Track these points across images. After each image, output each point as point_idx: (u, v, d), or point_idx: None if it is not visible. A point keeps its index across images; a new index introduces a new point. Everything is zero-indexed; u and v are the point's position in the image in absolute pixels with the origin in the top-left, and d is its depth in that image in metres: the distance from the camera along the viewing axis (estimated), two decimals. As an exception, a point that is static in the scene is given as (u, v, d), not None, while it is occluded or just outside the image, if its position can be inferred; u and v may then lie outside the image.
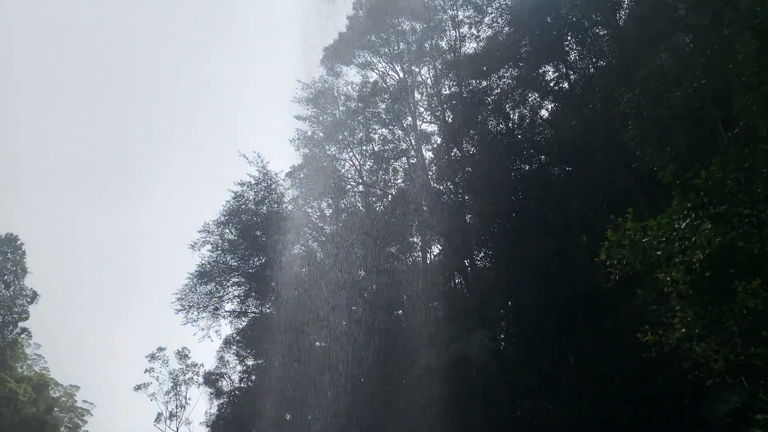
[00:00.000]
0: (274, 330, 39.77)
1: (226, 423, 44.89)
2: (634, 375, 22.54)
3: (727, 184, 12.28)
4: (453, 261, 33.83)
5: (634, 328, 20.67)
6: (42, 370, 59.37)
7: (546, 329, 26.59)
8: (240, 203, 40.30)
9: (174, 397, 48.22)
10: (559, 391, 23.85)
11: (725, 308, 10.74)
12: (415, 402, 27.60)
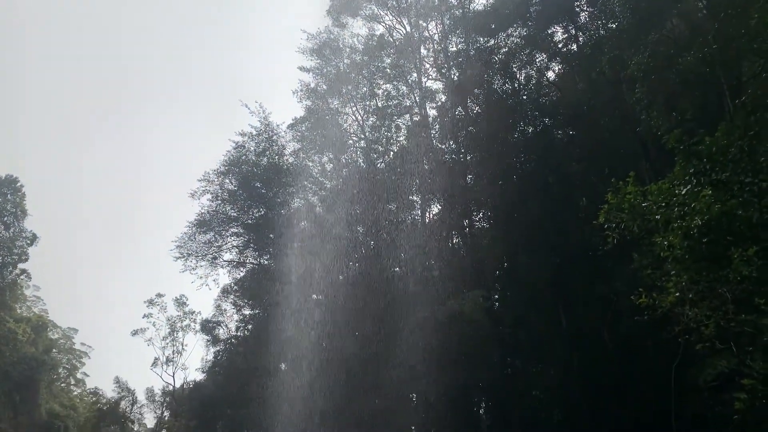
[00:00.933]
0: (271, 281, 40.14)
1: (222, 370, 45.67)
2: (624, 338, 22.87)
3: (731, 151, 12.22)
4: (452, 220, 33.91)
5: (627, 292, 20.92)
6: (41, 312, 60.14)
7: (540, 290, 26.86)
8: (241, 154, 40.16)
9: (171, 343, 49.00)
10: (550, 352, 24.22)
11: (720, 274, 10.81)
12: (409, 356, 27.99)
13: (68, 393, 62.19)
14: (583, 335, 23.99)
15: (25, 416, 45.76)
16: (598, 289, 23.72)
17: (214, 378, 46.71)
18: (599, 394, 23.01)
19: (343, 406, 29.42)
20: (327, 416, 29.68)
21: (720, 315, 11.17)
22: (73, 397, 61.58)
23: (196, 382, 50.24)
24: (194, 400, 47.55)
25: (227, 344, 47.89)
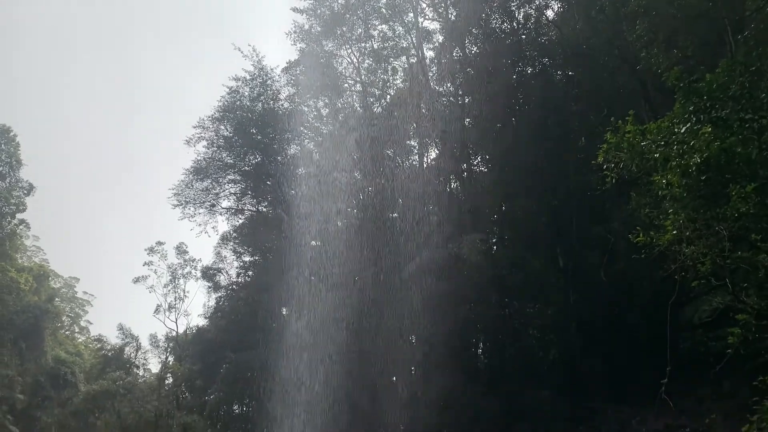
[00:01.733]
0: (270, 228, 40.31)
1: (224, 315, 46.34)
2: (620, 278, 23.15)
3: (731, 88, 12.05)
4: (450, 164, 33.77)
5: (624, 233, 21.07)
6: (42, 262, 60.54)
7: (538, 232, 27.04)
8: (235, 99, 39.60)
9: (172, 290, 49.53)
10: (547, 292, 24.54)
11: (717, 212, 10.82)
12: (407, 300, 28.36)
13: (73, 340, 63.21)
14: (580, 275, 24.27)
15: (32, 363, 46.69)
16: (595, 229, 23.88)
17: (217, 323, 47.43)
18: (595, 332, 23.44)
19: (345, 349, 29.96)
20: (328, 358, 30.25)
21: (716, 252, 11.23)
22: (78, 344, 62.62)
23: (198, 328, 51.08)
24: (197, 345, 48.38)
25: (228, 290, 48.44)
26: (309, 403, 30.05)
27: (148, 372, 57.30)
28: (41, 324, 47.81)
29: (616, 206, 22.94)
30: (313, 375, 30.33)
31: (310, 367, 30.95)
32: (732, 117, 11.59)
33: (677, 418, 18.09)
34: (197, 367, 46.12)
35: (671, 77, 12.72)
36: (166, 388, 47.84)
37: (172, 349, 52.02)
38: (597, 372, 23.63)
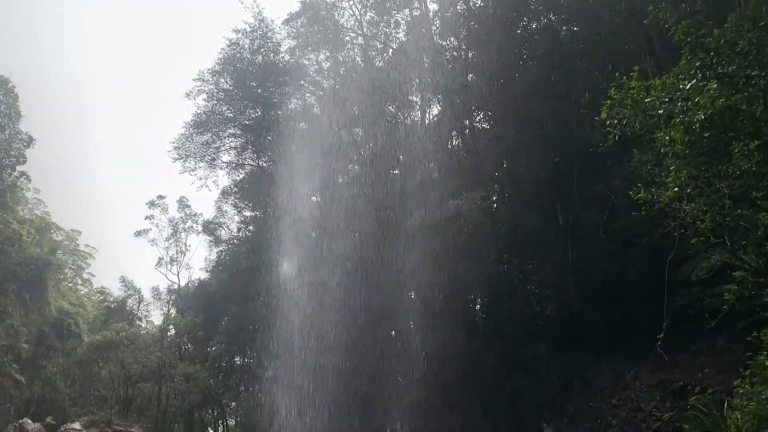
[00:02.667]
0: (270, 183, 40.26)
1: (225, 269, 46.77)
2: (620, 235, 23.26)
3: (739, 44, 11.86)
4: (452, 121, 33.52)
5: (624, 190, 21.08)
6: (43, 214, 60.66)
7: (538, 189, 27.04)
8: (235, 52, 39.12)
9: (174, 244, 49.80)
10: (546, 249, 24.68)
11: (719, 169, 10.80)
12: (408, 256, 28.55)
13: (76, 292, 63.82)
14: (579, 232, 24.38)
15: (36, 313, 47.27)
16: (596, 187, 23.86)
17: (218, 276, 47.91)
18: (593, 289, 23.68)
19: (344, 303, 30.31)
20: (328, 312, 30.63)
21: (716, 210, 11.25)
22: (81, 296, 63.25)
23: (200, 281, 51.58)
24: (199, 297, 48.95)
25: (229, 244, 48.77)
26: (309, 355, 30.57)
27: (150, 324, 58.15)
28: (44, 275, 48.20)
29: (617, 164, 22.89)
30: (312, 328, 30.76)
31: (311, 320, 31.36)
32: (738, 73, 11.45)
33: (671, 372, 18.46)
34: (199, 319, 46.76)
35: (679, 31, 12.52)
36: (169, 340, 48.56)
37: (174, 302, 52.65)
38: (594, 327, 23.96)
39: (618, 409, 18.59)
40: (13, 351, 42.73)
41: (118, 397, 44.49)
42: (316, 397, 29.84)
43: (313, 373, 30.17)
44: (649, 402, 17.79)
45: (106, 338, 45.33)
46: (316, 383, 30.22)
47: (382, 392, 28.65)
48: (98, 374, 48.11)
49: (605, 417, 18.32)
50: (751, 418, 8.60)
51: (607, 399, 19.48)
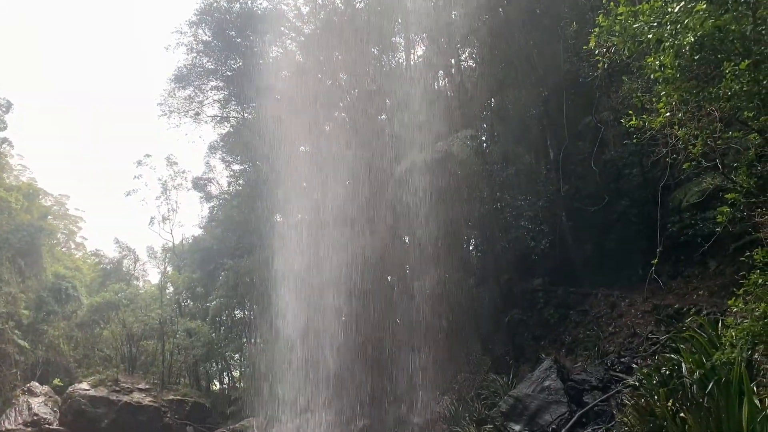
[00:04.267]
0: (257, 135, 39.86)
1: (219, 224, 46.83)
2: (611, 166, 23.34)
3: (727, -38, 11.61)
4: (438, 61, 33.02)
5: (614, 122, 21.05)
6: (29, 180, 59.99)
7: (528, 125, 26.92)
8: (212, 1, 38.11)
9: (164, 202, 49.53)
10: (538, 184, 24.74)
11: (710, 91, 10.71)
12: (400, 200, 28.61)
13: (70, 256, 63.75)
14: (570, 166, 24.42)
15: (33, 279, 47.33)
16: (585, 120, 23.78)
17: (212, 232, 48.03)
18: (585, 220, 23.88)
19: (338, 248, 30.52)
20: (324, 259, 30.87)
21: (707, 133, 11.22)
22: (76, 260, 63.23)
23: (194, 237, 51.69)
24: (194, 253, 49.18)
25: (220, 200, 48.68)
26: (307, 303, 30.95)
27: (147, 283, 58.52)
28: (37, 242, 48.06)
29: (606, 96, 22.75)
30: (309, 276, 31.04)
31: (306, 269, 31.61)
32: (727, -8, 11.25)
33: (665, 298, 18.82)
34: (196, 275, 47.10)
35: (665, -48, 12.20)
36: (168, 297, 48.98)
37: (170, 259, 52.82)
38: (587, 258, 24.30)
39: (614, 336, 19.04)
40: (14, 317, 42.97)
41: (123, 356, 45.17)
42: (317, 342, 30.38)
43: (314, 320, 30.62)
44: (645, 327, 18.19)
45: (105, 299, 45.67)
46: (317, 329, 30.71)
47: (384, 334, 29.18)
48: (101, 335, 48.70)
49: (602, 344, 18.76)
50: (745, 335, 8.80)
51: (604, 327, 19.92)
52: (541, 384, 15.95)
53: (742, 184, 11.08)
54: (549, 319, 22.51)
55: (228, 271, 42.87)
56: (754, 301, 9.43)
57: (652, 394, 9.46)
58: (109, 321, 46.79)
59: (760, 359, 9.17)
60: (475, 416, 19.11)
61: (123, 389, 38.67)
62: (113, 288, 46.98)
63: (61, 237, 64.67)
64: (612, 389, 14.85)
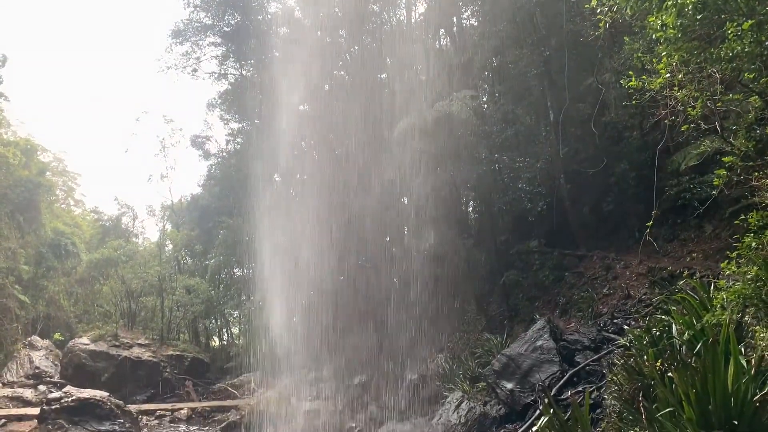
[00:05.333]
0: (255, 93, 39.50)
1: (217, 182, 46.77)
2: (610, 128, 23.18)
3: None
4: (439, 19, 32.52)
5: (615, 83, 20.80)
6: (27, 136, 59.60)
7: (529, 86, 26.65)
8: (210, -46, 37.34)
9: (163, 159, 49.44)
10: (537, 145, 24.64)
11: (711, 52, 10.56)
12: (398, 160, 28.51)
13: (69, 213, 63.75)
14: (569, 127, 24.28)
15: (32, 235, 47.43)
16: (587, 81, 23.54)
17: (210, 190, 48.03)
18: (583, 183, 23.87)
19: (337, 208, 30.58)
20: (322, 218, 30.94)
21: (707, 95, 11.11)
22: (75, 217, 63.26)
23: (193, 195, 51.71)
24: (193, 211, 49.27)
25: (219, 158, 48.54)
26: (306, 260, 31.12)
27: (146, 241, 58.77)
28: (36, 197, 48.00)
29: (608, 57, 22.47)
30: (307, 235, 31.15)
31: (305, 226, 31.71)
32: (733, -50, 11.00)
33: (660, 261, 18.92)
34: (195, 233, 47.27)
35: None
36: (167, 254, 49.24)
37: (169, 217, 52.97)
38: (584, 221, 24.39)
39: (608, 298, 19.19)
40: (14, 273, 43.22)
41: (122, 311, 45.60)
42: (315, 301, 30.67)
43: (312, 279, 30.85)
44: (639, 290, 18.32)
45: (104, 256, 45.90)
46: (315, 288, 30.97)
47: (381, 292, 29.45)
48: (100, 291, 49.09)
49: (596, 306, 18.93)
50: (736, 298, 8.88)
51: (598, 289, 20.06)
52: (534, 343, 16.14)
53: (740, 147, 11.02)
54: (544, 281, 22.67)
55: (226, 230, 43.04)
56: (746, 264, 9.48)
57: (642, 354, 9.57)
58: (108, 277, 47.13)
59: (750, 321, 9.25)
60: (468, 374, 19.41)
61: (123, 344, 39.16)
62: (112, 245, 47.16)
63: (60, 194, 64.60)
64: (604, 350, 15.03)
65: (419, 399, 22.91)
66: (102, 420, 26.58)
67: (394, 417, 23.21)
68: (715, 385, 5.39)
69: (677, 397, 5.86)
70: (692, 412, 5.43)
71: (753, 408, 5.32)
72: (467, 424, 16.41)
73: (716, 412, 5.37)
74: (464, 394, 17.75)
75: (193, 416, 34.36)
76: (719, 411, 5.36)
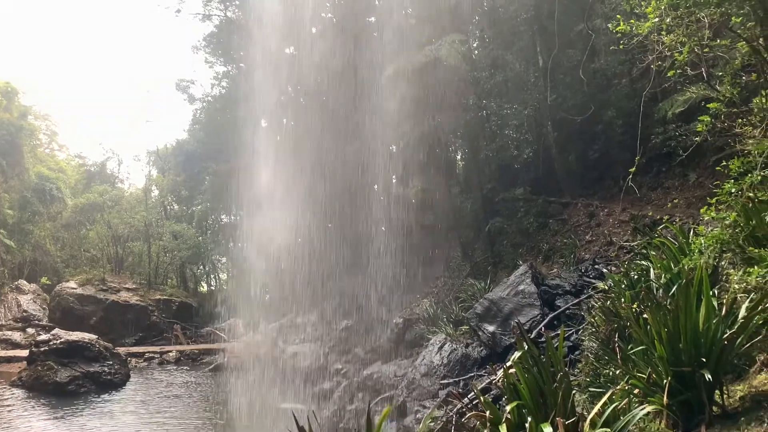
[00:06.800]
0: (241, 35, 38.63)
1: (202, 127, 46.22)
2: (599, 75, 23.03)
3: None
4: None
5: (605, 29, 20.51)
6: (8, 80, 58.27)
7: (519, 31, 26.26)
8: None
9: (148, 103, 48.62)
10: (525, 92, 24.43)
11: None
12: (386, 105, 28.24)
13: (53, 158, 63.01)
14: (558, 74, 24.05)
15: (16, 179, 46.98)
16: (577, 26, 23.20)
17: (195, 135, 47.51)
18: (570, 131, 23.83)
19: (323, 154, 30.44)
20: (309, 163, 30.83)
21: (695, 41, 11.01)
22: (60, 161, 62.54)
23: (178, 141, 51.18)
24: (178, 156, 48.85)
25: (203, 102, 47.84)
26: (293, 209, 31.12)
27: (132, 186, 58.40)
28: (18, 141, 47.31)
29: (599, 1, 22.14)
30: (295, 180, 31.07)
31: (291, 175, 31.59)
32: None
33: (643, 208, 19.13)
34: (181, 179, 47.00)
35: None
36: (153, 200, 49.03)
37: (154, 162, 52.51)
38: (570, 168, 24.46)
39: (591, 244, 19.45)
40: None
41: (109, 256, 45.67)
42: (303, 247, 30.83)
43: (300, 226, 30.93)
44: (621, 236, 18.58)
45: (90, 201, 45.67)
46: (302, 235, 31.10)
47: (367, 239, 29.64)
48: (87, 236, 48.98)
49: (578, 252, 19.20)
50: (713, 243, 9.02)
51: (581, 236, 20.30)
52: (516, 288, 16.42)
53: (725, 94, 10.99)
54: (528, 228, 22.87)
55: (212, 176, 42.80)
56: (725, 210, 9.60)
57: (619, 297, 9.78)
58: (94, 222, 46.98)
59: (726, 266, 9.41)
60: (452, 318, 19.78)
61: (110, 288, 39.40)
62: (97, 189, 46.87)
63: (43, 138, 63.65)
64: (584, 294, 15.33)
65: (404, 341, 23.39)
66: (91, 362, 26.96)
67: (379, 359, 23.73)
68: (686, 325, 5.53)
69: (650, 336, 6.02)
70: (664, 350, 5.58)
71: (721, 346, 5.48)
72: (449, 364, 16.83)
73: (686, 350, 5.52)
74: (447, 336, 18.14)
75: (182, 359, 34.96)
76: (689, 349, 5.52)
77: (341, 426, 20.67)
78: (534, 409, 5.22)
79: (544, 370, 5.43)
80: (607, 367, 8.73)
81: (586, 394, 8.37)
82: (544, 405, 5.24)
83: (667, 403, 5.31)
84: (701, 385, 5.26)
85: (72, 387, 25.65)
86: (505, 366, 6.40)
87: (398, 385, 19.04)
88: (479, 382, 14.41)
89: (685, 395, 5.38)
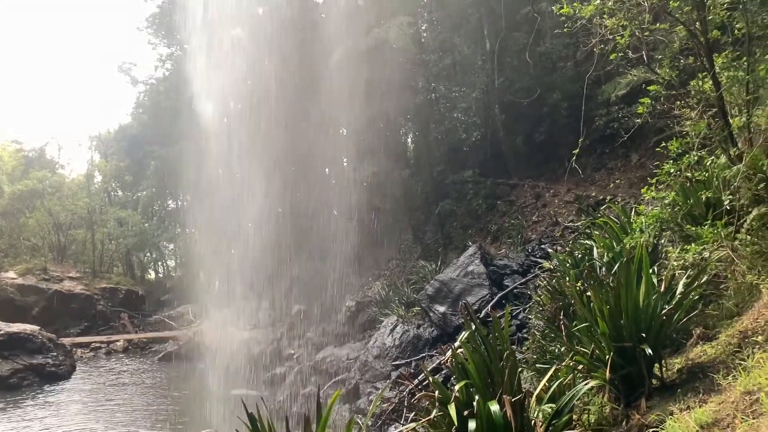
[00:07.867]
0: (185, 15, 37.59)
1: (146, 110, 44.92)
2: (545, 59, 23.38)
3: None
4: (376, -60, 31.38)
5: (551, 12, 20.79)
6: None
7: (466, 13, 26.37)
8: None
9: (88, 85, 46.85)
10: (473, 75, 24.63)
11: (641, -20, 10.63)
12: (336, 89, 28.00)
13: (-13, 143, 60.39)
14: (505, 57, 24.31)
15: (-54, 167, 44.87)
16: (524, 9, 23.46)
17: (139, 119, 46.17)
18: (517, 114, 24.17)
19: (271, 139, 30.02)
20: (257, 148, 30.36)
21: (636, 24, 11.25)
22: (-6, 147, 59.99)
23: (121, 125, 49.63)
24: (121, 141, 47.41)
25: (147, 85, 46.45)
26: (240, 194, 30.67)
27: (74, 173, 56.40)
28: (-52, 126, 45.16)
29: (545, -15, 22.42)
30: (242, 165, 30.59)
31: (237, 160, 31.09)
32: None
33: (587, 189, 19.61)
34: (125, 164, 45.67)
35: None
36: (96, 186, 47.53)
37: (97, 147, 50.83)
38: (517, 151, 24.85)
39: (537, 225, 19.86)
40: (-71, 205, 40.95)
41: (51, 245, 44.11)
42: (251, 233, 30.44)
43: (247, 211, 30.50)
44: (567, 217, 19.03)
45: (29, 188, 43.91)
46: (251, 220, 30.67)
47: (319, 223, 29.50)
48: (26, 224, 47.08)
49: (525, 232, 19.58)
50: (654, 221, 9.30)
51: (528, 216, 20.70)
52: (466, 269, 16.64)
53: (665, 77, 11.30)
54: (477, 209, 23.18)
55: (157, 160, 41.73)
56: (665, 189, 9.90)
57: (564, 276, 10.00)
58: (34, 210, 45.22)
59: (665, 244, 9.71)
60: (404, 299, 19.91)
61: (53, 278, 38.12)
62: (36, 176, 45.07)
63: (-25, 122, 60.93)
64: (531, 273, 15.65)
65: (356, 325, 23.45)
66: (33, 354, 26.10)
67: (332, 342, 23.74)
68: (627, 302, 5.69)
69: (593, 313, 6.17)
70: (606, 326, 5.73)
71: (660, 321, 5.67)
72: (401, 346, 16.97)
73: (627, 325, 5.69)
74: (399, 318, 18.27)
75: (130, 348, 34.20)
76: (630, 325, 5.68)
77: (294, 410, 20.62)
78: (482, 387, 5.30)
79: (491, 349, 5.52)
80: (553, 344, 8.95)
81: (534, 371, 8.57)
82: (492, 383, 5.32)
83: (609, 378, 5.46)
84: (641, 360, 5.43)
85: (14, 380, 24.80)
86: (453, 346, 6.47)
87: (351, 367, 19.11)
88: (430, 362, 14.59)
89: (627, 369, 5.54)
